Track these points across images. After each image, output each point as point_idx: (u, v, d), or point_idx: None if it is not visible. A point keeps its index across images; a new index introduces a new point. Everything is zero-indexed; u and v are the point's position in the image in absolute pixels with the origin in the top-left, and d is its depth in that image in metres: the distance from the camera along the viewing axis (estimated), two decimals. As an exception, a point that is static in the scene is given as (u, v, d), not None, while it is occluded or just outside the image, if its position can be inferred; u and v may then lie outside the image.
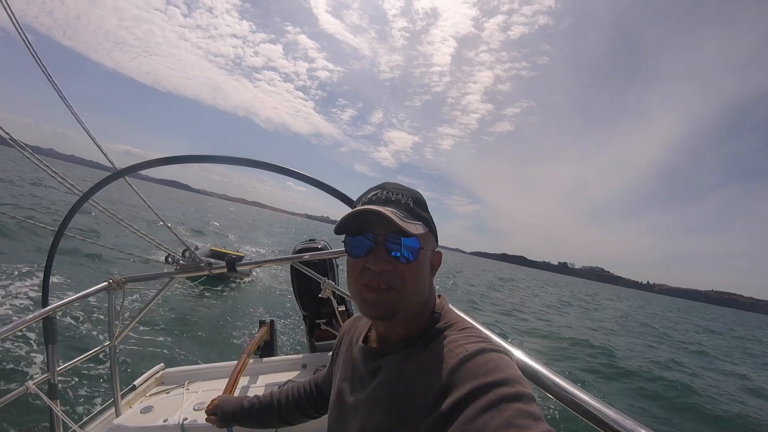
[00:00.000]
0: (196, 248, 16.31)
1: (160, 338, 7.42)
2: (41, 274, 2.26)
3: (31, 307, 7.12)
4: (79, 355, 2.13)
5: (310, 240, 3.46)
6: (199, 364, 2.89)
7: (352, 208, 0.96)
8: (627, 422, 0.91)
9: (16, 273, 8.61)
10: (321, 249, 3.17)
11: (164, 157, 2.20)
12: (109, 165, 2.31)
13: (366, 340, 1.13)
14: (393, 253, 0.91)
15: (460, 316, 1.03)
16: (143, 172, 2.31)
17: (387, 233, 0.91)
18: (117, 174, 2.16)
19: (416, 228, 0.91)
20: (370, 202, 0.96)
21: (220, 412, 1.47)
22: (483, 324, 1.20)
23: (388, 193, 0.97)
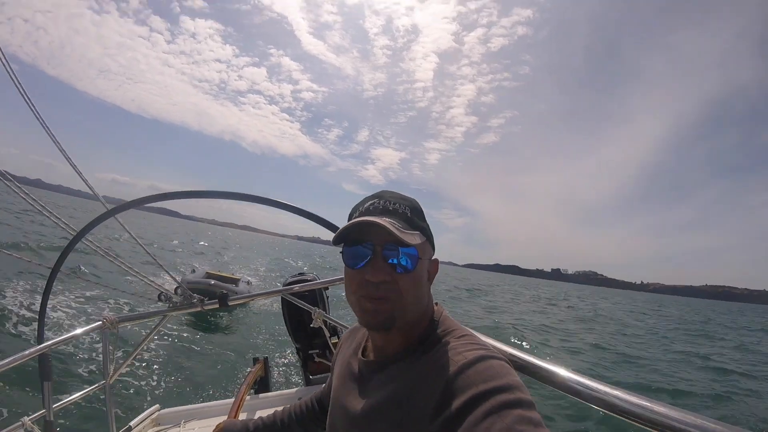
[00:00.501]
0: (193, 270, 16.13)
1: (155, 376, 7.32)
2: (36, 313, 2.28)
3: (28, 344, 7.04)
4: (75, 393, 2.13)
5: (299, 274, 3.52)
6: (194, 403, 2.87)
7: (349, 219, 0.98)
8: (629, 398, 0.91)
9: (13, 309, 8.57)
10: (310, 281, 3.19)
11: (152, 194, 2.29)
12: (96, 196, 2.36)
13: (364, 351, 1.12)
14: (391, 262, 0.91)
15: (458, 324, 1.03)
16: (129, 199, 2.36)
17: (385, 243, 0.91)
18: (108, 213, 2.21)
19: (414, 238, 0.91)
20: (368, 212, 0.96)
21: None
22: (480, 331, 1.19)
23: (385, 202, 0.97)
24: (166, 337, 9.44)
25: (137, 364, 7.45)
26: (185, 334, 10.13)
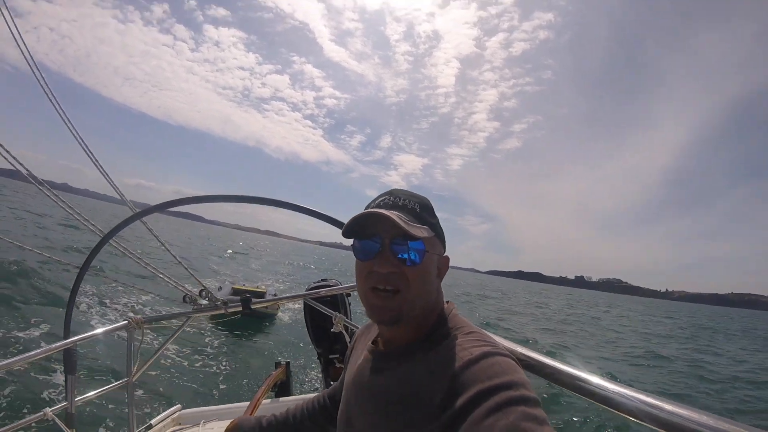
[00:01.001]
0: (219, 288, 16.36)
1: (177, 377, 7.44)
2: (64, 308, 2.33)
3: (56, 339, 7.22)
4: (98, 389, 2.16)
5: (322, 280, 3.51)
6: (215, 405, 2.89)
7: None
8: (631, 393, 0.90)
9: (41, 308, 8.83)
10: (333, 286, 3.20)
11: (175, 199, 2.32)
12: (117, 198, 2.41)
13: (375, 343, 1.13)
14: (399, 256, 0.92)
15: (467, 321, 1.04)
16: (154, 204, 2.40)
17: (393, 236, 0.93)
18: (135, 216, 2.25)
19: (421, 231, 0.92)
20: (378, 207, 0.98)
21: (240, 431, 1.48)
22: (489, 330, 1.17)
23: (395, 198, 1.00)
24: (189, 339, 9.59)
25: (160, 364, 7.56)
26: (209, 337, 10.27)
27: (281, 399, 2.91)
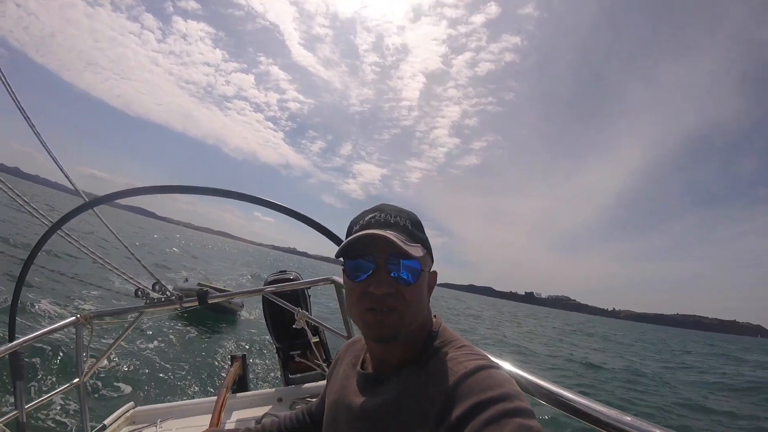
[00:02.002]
0: (186, 280, 15.99)
1: (131, 374, 7.21)
2: (6, 308, 2.21)
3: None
4: (48, 392, 2.06)
5: (281, 271, 3.43)
6: (170, 401, 2.80)
7: (348, 232, 0.99)
8: (625, 419, 0.92)
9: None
10: (293, 280, 3.14)
11: (135, 187, 2.17)
12: (69, 188, 2.28)
13: (363, 364, 1.12)
14: (393, 275, 0.91)
15: (457, 335, 1.03)
16: None
17: (388, 256, 0.91)
18: (86, 205, 2.12)
19: (417, 251, 0.91)
20: (369, 225, 0.96)
21: None
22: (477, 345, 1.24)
23: (386, 215, 0.97)
24: (143, 335, 9.30)
25: (113, 361, 7.31)
26: (163, 332, 10.00)
27: (238, 395, 2.84)
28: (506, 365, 1.21)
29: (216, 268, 33.92)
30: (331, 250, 1.02)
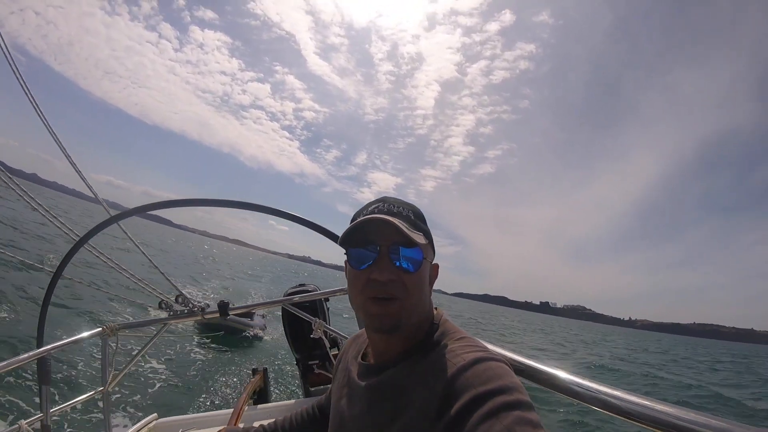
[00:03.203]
0: (207, 306, 16.13)
1: (154, 386, 7.32)
2: (37, 316, 2.26)
3: (28, 348, 7.03)
4: (73, 398, 2.11)
5: (300, 285, 3.46)
6: (191, 413, 2.83)
7: (352, 222, 0.98)
8: (616, 393, 0.92)
9: (11, 316, 8.52)
10: (311, 292, 3.16)
11: (157, 201, 2.27)
12: (91, 195, 2.33)
13: (364, 356, 1.13)
14: (397, 263, 0.91)
15: (457, 327, 1.03)
16: (123, 204, 2.31)
17: (391, 244, 0.91)
18: (111, 219, 2.19)
19: (420, 238, 0.92)
20: (372, 214, 0.96)
21: None
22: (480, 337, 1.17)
23: (389, 206, 0.98)
24: (166, 346, 9.44)
25: (136, 372, 7.44)
26: (185, 344, 10.13)
27: (259, 406, 2.86)
28: (506, 353, 1.20)
29: (240, 282, 34.12)
30: (343, 258, 1.03)
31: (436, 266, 1.06)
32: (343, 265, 1.03)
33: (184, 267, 30.96)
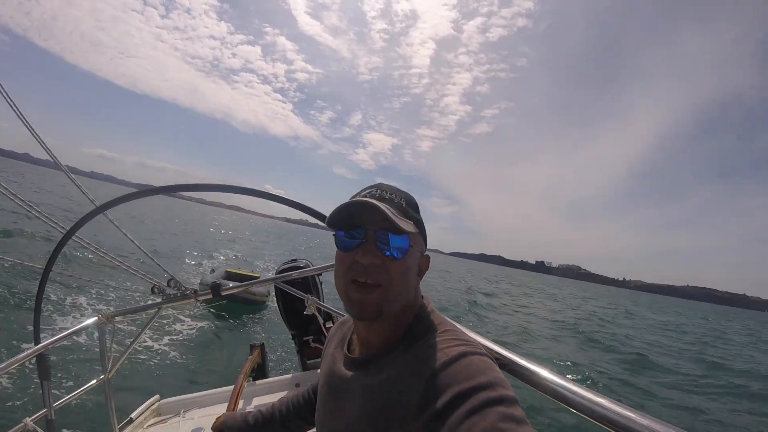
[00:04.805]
0: (212, 270, 16.07)
1: (154, 368, 7.41)
2: (31, 313, 2.24)
3: (26, 345, 7.04)
4: (75, 390, 2.14)
5: (291, 260, 3.48)
6: (193, 392, 2.90)
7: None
8: (598, 400, 0.91)
9: (3, 315, 8.48)
10: (303, 268, 3.19)
11: (143, 189, 2.29)
12: (83, 169, 2.28)
13: (349, 345, 1.13)
14: (382, 248, 0.91)
15: (443, 319, 1.04)
16: (117, 176, 2.25)
17: (378, 229, 0.91)
18: (98, 210, 2.17)
19: (408, 226, 0.91)
20: (364, 198, 0.95)
21: (226, 429, 1.48)
22: (467, 326, 1.21)
23: (381, 191, 0.98)
24: (164, 329, 9.52)
25: (135, 357, 7.51)
26: (183, 325, 10.19)
27: (258, 382, 2.93)
28: (491, 345, 1.21)
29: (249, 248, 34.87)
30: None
31: (427, 258, 1.06)
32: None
33: (187, 240, 31.07)
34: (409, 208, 1.00)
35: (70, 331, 2.12)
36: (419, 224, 1.00)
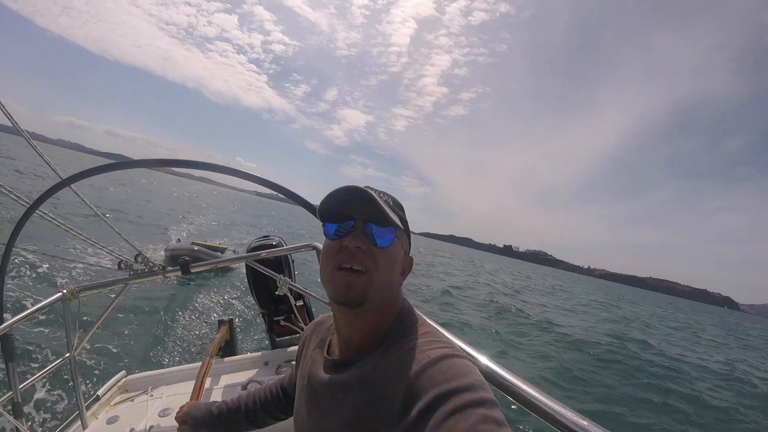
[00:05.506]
0: (178, 241, 15.83)
1: (120, 345, 7.29)
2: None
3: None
4: (40, 370, 2.10)
5: (264, 237, 3.42)
6: (160, 368, 2.87)
7: (320, 206, 0.99)
8: (582, 422, 0.95)
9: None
10: (275, 246, 3.16)
11: (113, 162, 2.16)
12: (50, 137, 2.18)
13: (329, 347, 1.12)
14: (370, 237, 0.93)
15: (424, 320, 1.05)
16: (86, 144, 2.12)
17: (367, 219, 0.94)
18: (62, 183, 2.09)
19: (395, 218, 0.93)
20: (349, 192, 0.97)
21: (190, 420, 1.49)
22: (446, 328, 1.22)
23: (368, 187, 0.98)
24: (130, 304, 9.33)
25: (101, 333, 7.36)
26: (151, 298, 10.06)
27: (226, 359, 2.91)
28: (471, 351, 1.24)
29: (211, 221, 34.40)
30: (312, 197, 0.99)
31: (411, 259, 1.08)
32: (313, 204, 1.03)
33: (157, 211, 30.64)
34: (396, 207, 1.02)
35: (34, 308, 2.06)
36: (405, 223, 1.02)
